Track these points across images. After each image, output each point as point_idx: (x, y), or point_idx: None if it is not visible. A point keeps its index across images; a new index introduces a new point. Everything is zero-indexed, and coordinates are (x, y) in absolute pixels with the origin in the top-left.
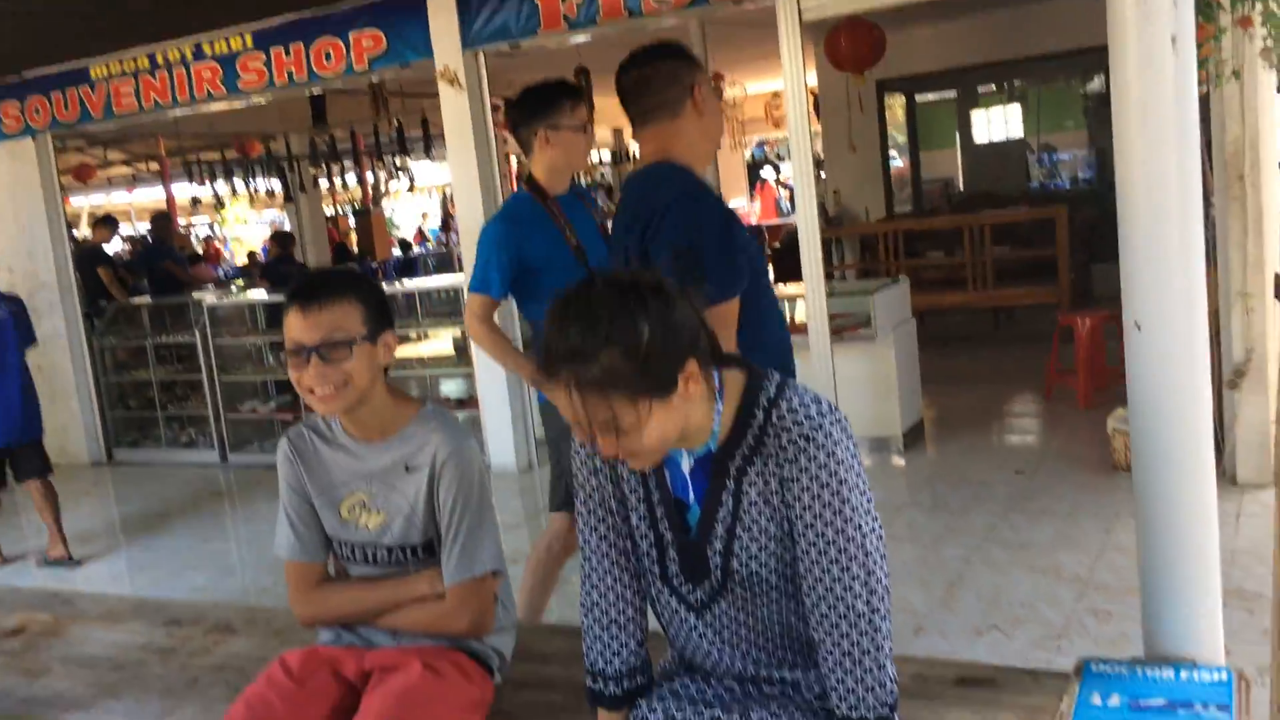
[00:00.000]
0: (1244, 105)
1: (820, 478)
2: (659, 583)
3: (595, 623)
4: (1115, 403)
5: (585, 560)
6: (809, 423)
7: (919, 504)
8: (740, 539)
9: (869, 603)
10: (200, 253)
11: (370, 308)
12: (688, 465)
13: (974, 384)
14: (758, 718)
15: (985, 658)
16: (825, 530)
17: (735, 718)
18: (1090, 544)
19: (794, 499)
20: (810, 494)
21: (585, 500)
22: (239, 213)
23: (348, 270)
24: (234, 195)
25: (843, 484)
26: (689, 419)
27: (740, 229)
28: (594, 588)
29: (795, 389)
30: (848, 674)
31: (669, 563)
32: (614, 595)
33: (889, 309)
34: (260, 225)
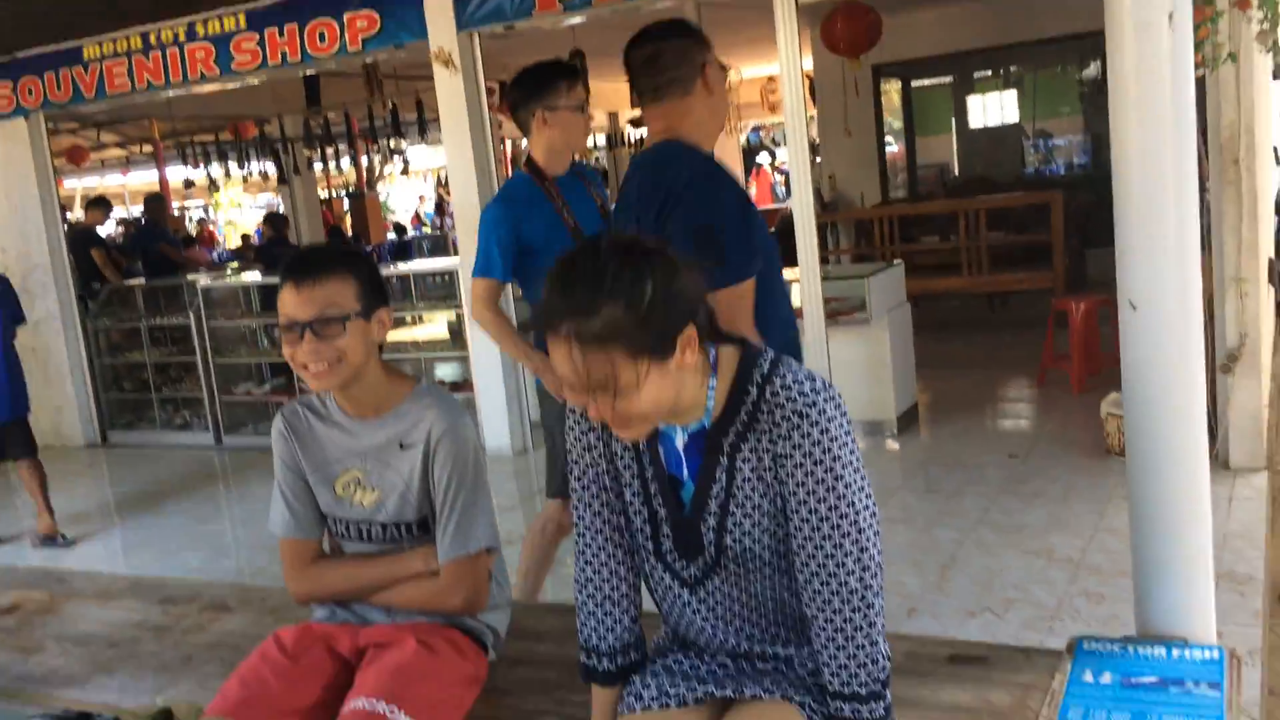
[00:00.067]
0: (1240, 89)
1: (814, 454)
2: (653, 559)
3: (589, 599)
4: (1109, 387)
5: (579, 536)
6: (803, 399)
7: (912, 487)
8: (734, 515)
9: (862, 579)
10: (194, 236)
11: (364, 284)
12: (682, 441)
13: (968, 368)
14: (751, 693)
15: (978, 638)
16: (818, 506)
17: (729, 693)
18: (1083, 527)
19: (787, 475)
20: (804, 470)
21: (579, 477)
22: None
23: (342, 246)
24: (228, 178)
25: (836, 460)
26: (682, 390)
27: (754, 209)
28: (588, 564)
29: (789, 366)
30: (840, 650)
31: (663, 539)
32: (608, 571)
33: (884, 293)
34: (254, 209)
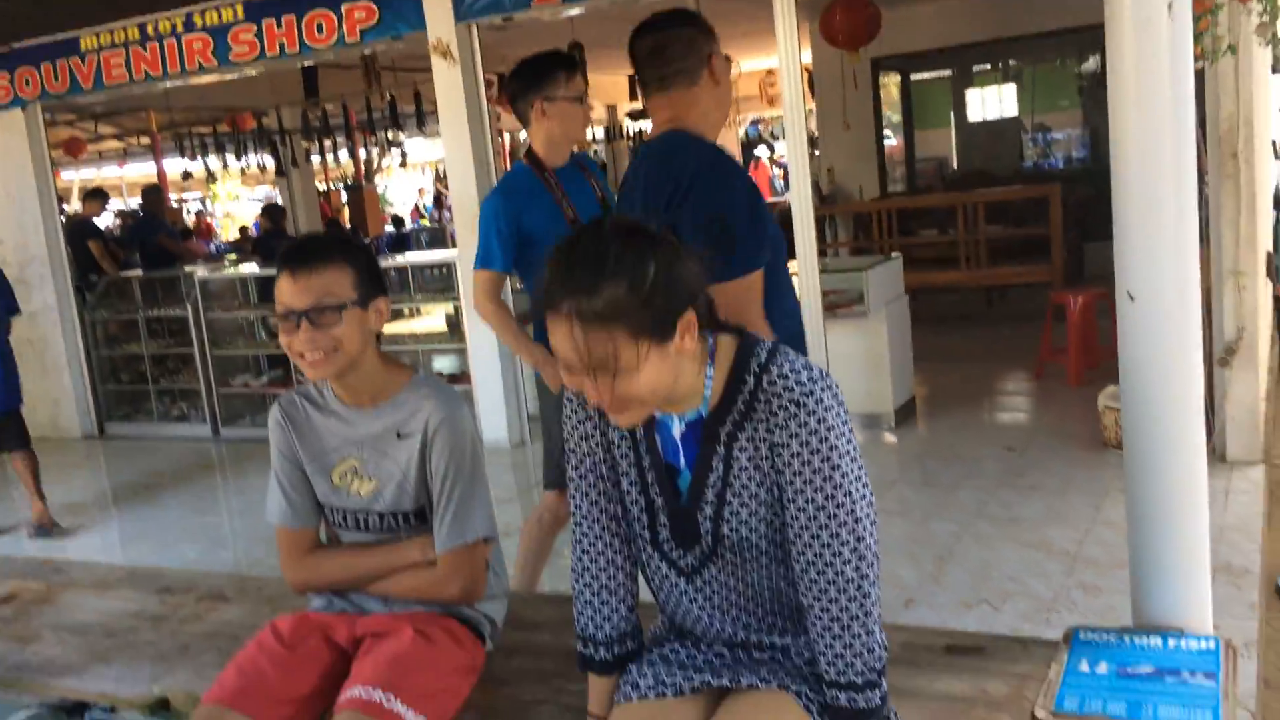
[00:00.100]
0: (1239, 82)
1: (810, 443)
2: (649, 548)
3: (586, 588)
4: (1106, 380)
5: (576, 525)
6: (800, 388)
7: (910, 480)
8: (730, 504)
9: (858, 568)
10: (191, 228)
11: (361, 273)
12: (679, 430)
13: (966, 362)
14: (747, 683)
15: (974, 630)
16: (815, 496)
17: (725, 682)
18: (1079, 519)
19: (784, 464)
20: (800, 459)
21: (576, 466)
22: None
23: (339, 234)
24: (225, 170)
25: (833, 450)
26: (680, 377)
27: (763, 200)
28: (585, 553)
29: (786, 355)
30: (836, 639)
31: (659, 528)
32: (605, 561)
33: (882, 286)
34: (252, 202)
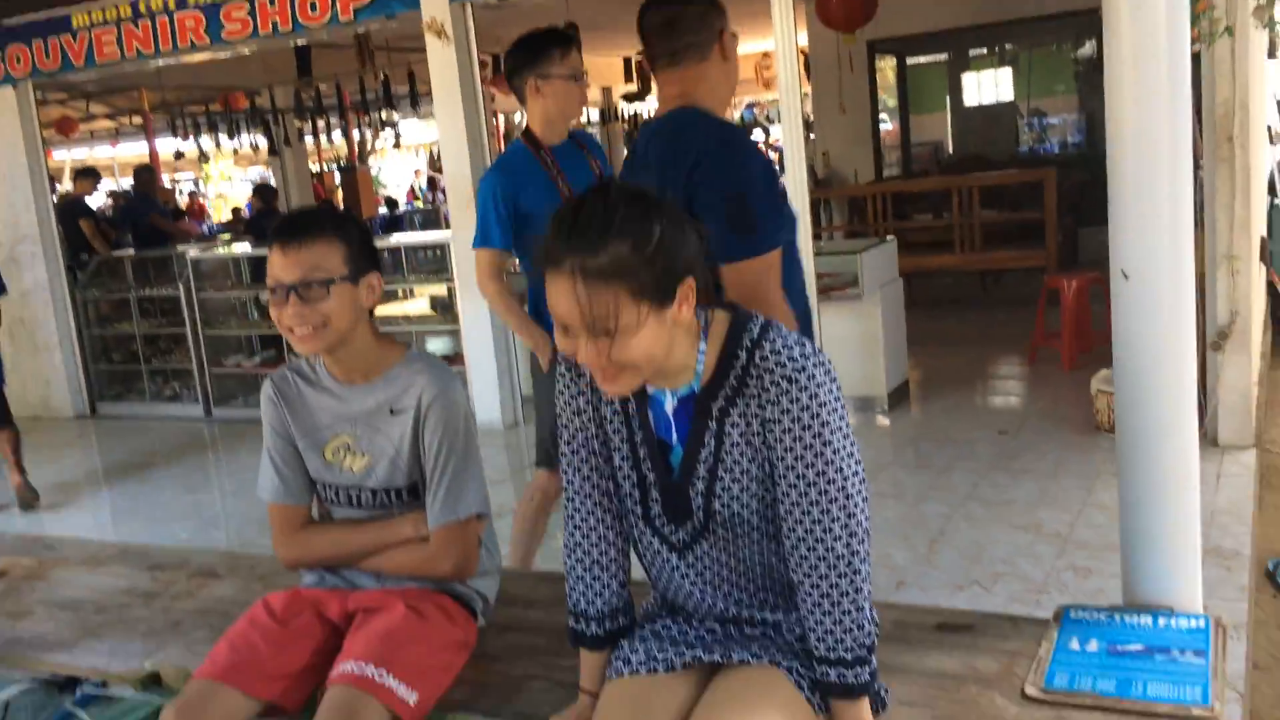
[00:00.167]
0: (1235, 66)
1: (802, 419)
2: (641, 524)
3: (578, 563)
4: (1099, 364)
5: (569, 501)
6: (792, 364)
7: (903, 462)
8: (722, 480)
9: (849, 545)
10: (184, 208)
11: (353, 247)
12: (671, 405)
13: (960, 345)
14: (739, 659)
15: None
16: (806, 472)
17: (716, 658)
18: (1071, 502)
19: (775, 440)
20: (792, 435)
21: (569, 441)
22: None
23: (332, 209)
24: (218, 149)
25: (825, 426)
26: (674, 348)
27: (779, 178)
28: (577, 529)
29: (779, 330)
30: (826, 615)
31: (651, 503)
32: (597, 536)
33: (876, 269)
34: (245, 182)
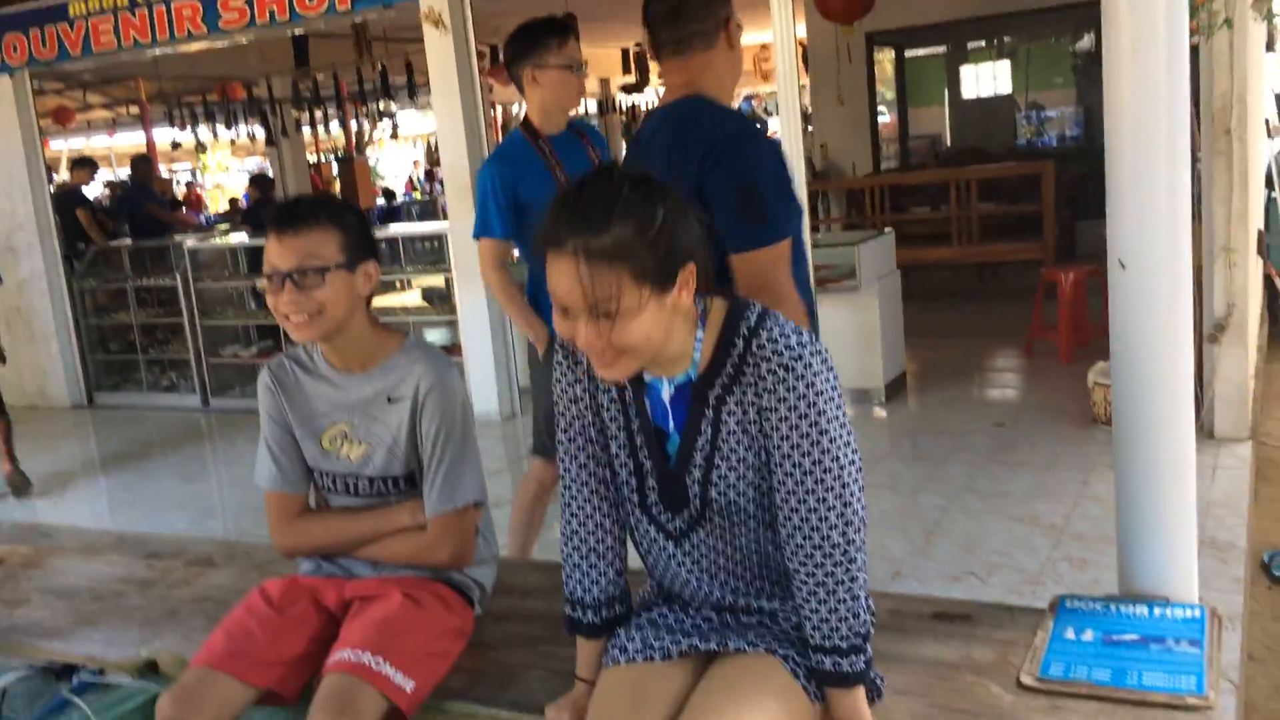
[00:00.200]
0: (1233, 58)
1: (799, 408)
2: (638, 511)
3: (574, 551)
4: (1096, 357)
5: (565, 489)
6: (789, 352)
7: (899, 454)
8: (719, 468)
9: (844, 533)
10: (181, 199)
11: (350, 235)
12: (668, 393)
13: (957, 338)
14: (735, 647)
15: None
16: (802, 460)
17: (712, 646)
18: (1067, 494)
19: (772, 428)
20: (788, 424)
21: (566, 429)
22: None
23: (329, 197)
24: (215, 139)
25: (821, 414)
26: (671, 335)
27: (790, 168)
28: (574, 516)
29: (776, 319)
30: (822, 604)
31: (648, 491)
32: (593, 524)
33: (873, 261)
34: (242, 173)
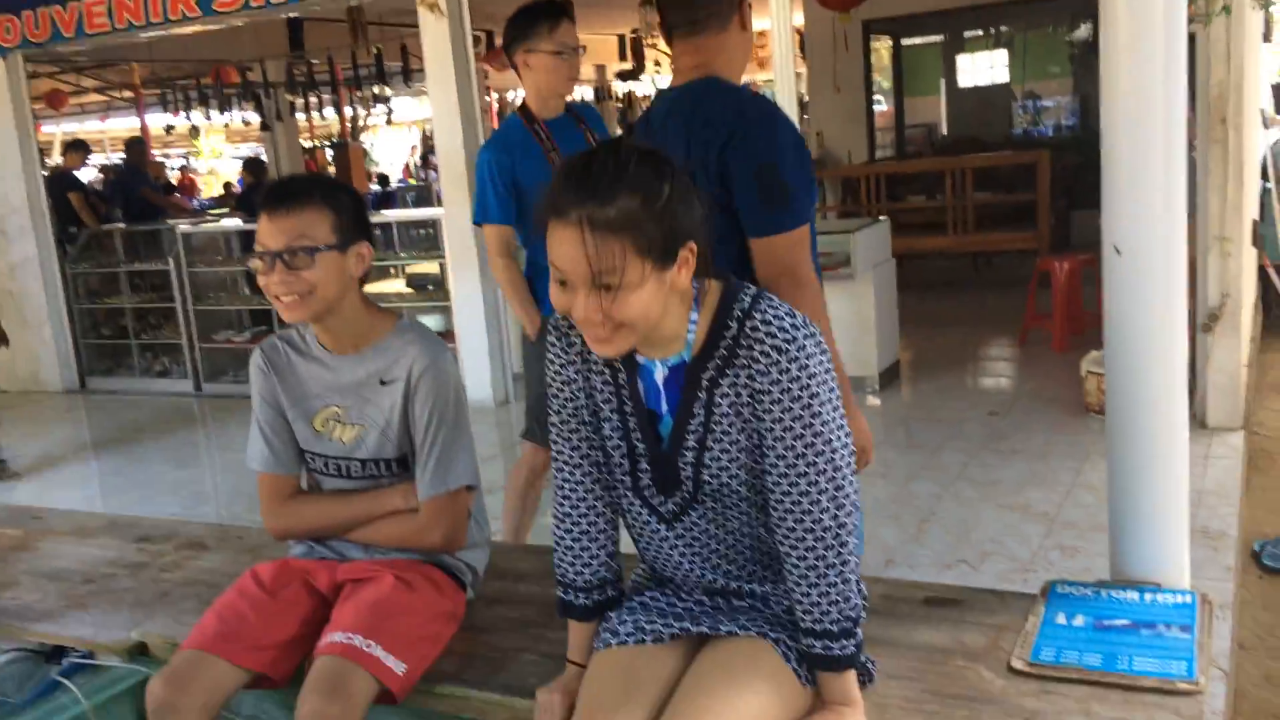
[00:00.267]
0: (1230, 47)
1: (792, 390)
2: (631, 494)
3: (567, 534)
4: (1089, 346)
5: (558, 472)
6: (783, 335)
7: (893, 442)
8: (711, 450)
9: (836, 516)
10: (174, 184)
11: (342, 216)
12: (661, 375)
13: (951, 327)
14: (726, 630)
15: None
16: (795, 443)
17: (704, 629)
18: (1059, 483)
19: (765, 411)
20: (781, 406)
21: (559, 411)
22: (214, 145)
23: (324, 177)
24: (208, 121)
25: (814, 397)
26: (667, 314)
27: (809, 153)
28: (566, 499)
29: (771, 301)
30: (813, 587)
31: (640, 474)
32: (585, 507)
33: (868, 249)
34: (236, 159)
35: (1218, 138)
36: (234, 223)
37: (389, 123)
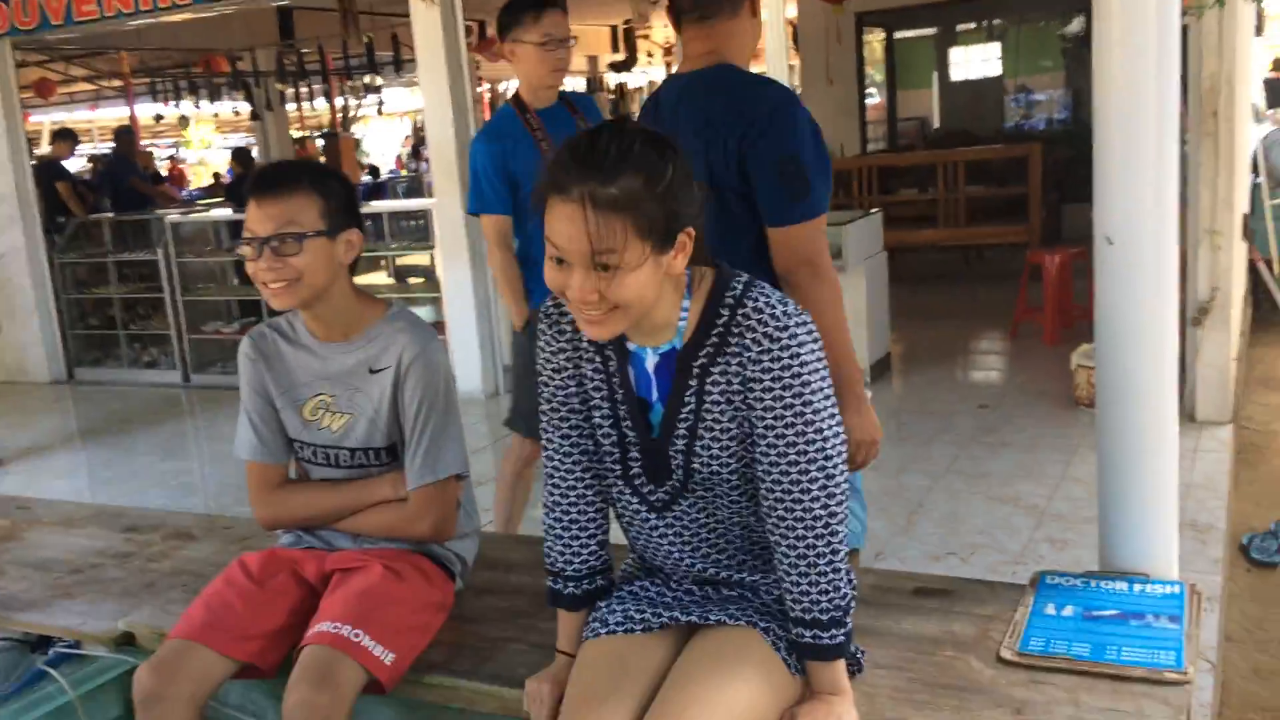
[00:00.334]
0: (1222, 40)
1: (783, 378)
2: (621, 483)
3: (556, 522)
4: (1080, 339)
5: (548, 460)
6: (775, 323)
7: (883, 435)
8: (702, 439)
9: (826, 505)
10: (163, 174)
11: (331, 202)
12: (652, 363)
13: (942, 320)
14: (716, 619)
15: None
16: (785, 432)
17: (694, 619)
18: (1049, 475)
19: (756, 399)
20: (772, 395)
21: (549, 399)
22: (204, 136)
23: (312, 162)
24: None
25: (806, 386)
26: (660, 300)
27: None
28: (556, 487)
29: (763, 289)
30: (803, 576)
31: (631, 463)
32: (575, 496)
33: (860, 241)
34: (225, 149)
35: (1209, 131)
36: (223, 213)
37: (380, 113)
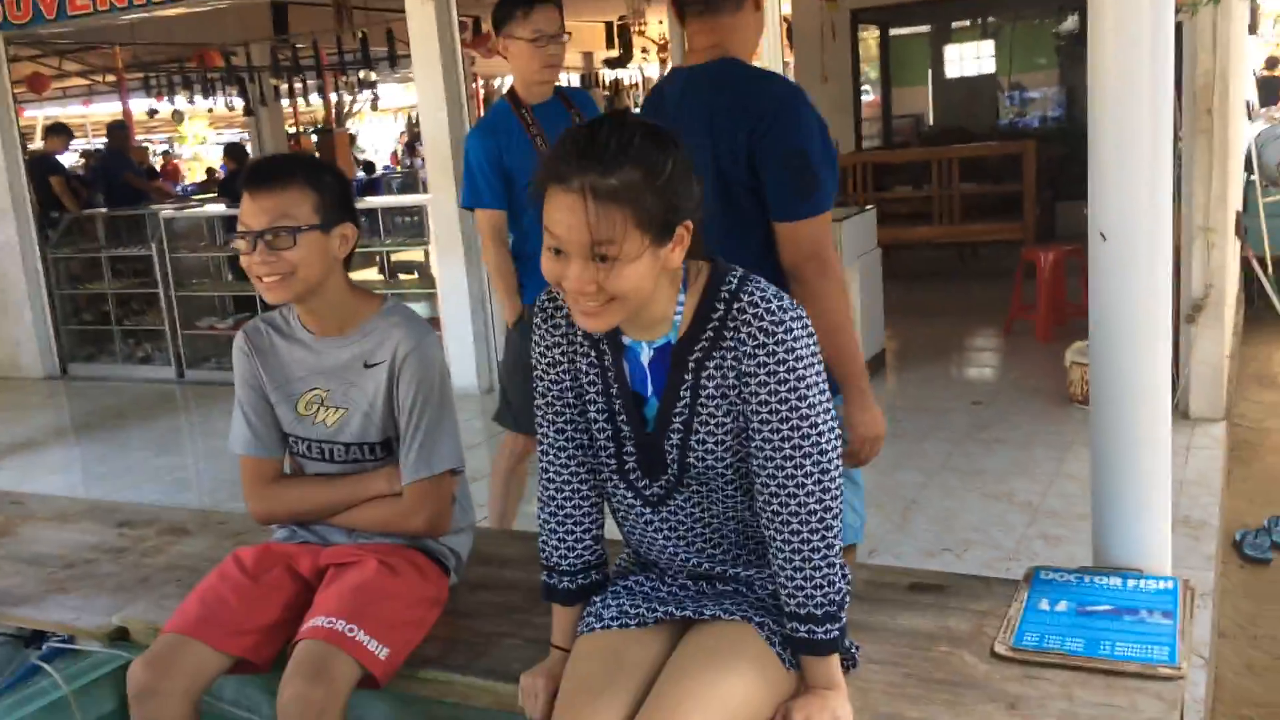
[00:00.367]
0: (1216, 37)
1: (778, 373)
2: (615, 478)
3: (551, 517)
4: (1074, 337)
5: (543, 454)
6: (770, 317)
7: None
8: (697, 433)
9: (821, 500)
10: (157, 169)
11: (326, 196)
12: (647, 357)
13: (936, 317)
14: (711, 614)
15: None
16: (781, 426)
17: (688, 613)
18: (1043, 472)
19: (751, 394)
20: (768, 389)
21: (544, 394)
22: (198, 131)
23: (308, 157)
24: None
25: (801, 380)
26: (656, 294)
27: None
28: (550, 482)
29: (758, 283)
30: (797, 571)
31: (625, 457)
32: (570, 490)
33: (854, 238)
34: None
35: (1203, 128)
36: (217, 208)
37: (375, 109)
